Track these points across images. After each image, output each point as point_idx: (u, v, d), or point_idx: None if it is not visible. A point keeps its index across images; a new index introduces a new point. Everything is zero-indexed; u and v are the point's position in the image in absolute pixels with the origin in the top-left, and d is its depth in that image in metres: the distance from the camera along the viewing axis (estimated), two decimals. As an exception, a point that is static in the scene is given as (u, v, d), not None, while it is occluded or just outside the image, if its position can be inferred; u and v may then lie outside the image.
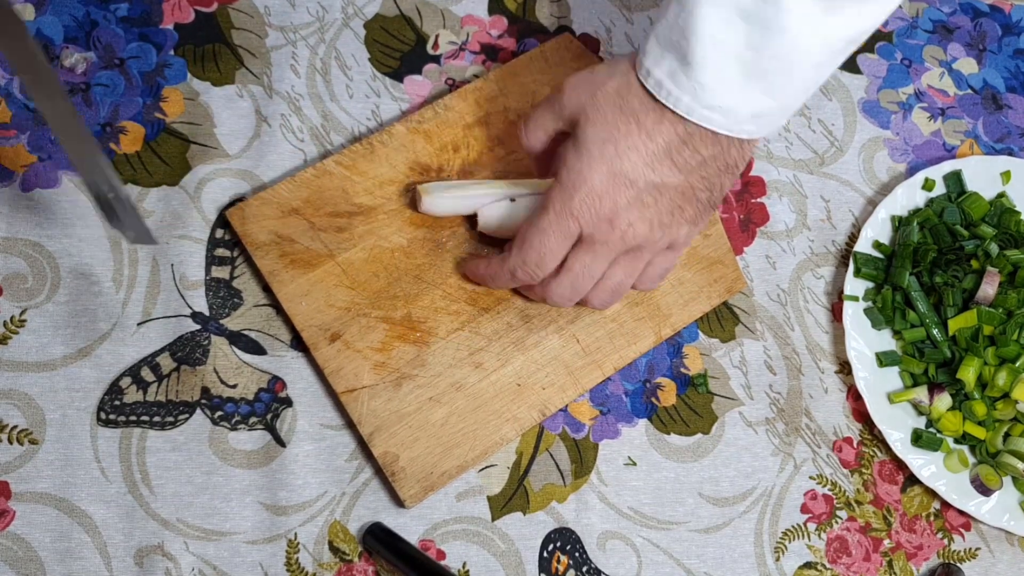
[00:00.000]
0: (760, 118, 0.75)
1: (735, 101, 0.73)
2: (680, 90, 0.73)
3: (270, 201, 0.88)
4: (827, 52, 0.73)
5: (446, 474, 0.83)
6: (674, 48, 0.73)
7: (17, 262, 0.86)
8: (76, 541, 0.81)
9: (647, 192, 0.76)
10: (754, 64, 0.71)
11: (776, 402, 0.91)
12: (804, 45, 0.71)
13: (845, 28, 0.72)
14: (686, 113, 0.73)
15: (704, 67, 0.71)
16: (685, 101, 0.73)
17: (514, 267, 0.81)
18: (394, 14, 0.99)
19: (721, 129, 0.74)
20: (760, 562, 0.87)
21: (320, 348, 0.85)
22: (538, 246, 0.79)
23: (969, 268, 0.91)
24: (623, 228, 0.76)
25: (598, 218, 0.76)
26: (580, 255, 0.79)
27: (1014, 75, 1.04)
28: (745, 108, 0.73)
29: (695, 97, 0.73)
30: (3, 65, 0.91)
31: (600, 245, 0.78)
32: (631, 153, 0.75)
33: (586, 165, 0.76)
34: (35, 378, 0.84)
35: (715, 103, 0.72)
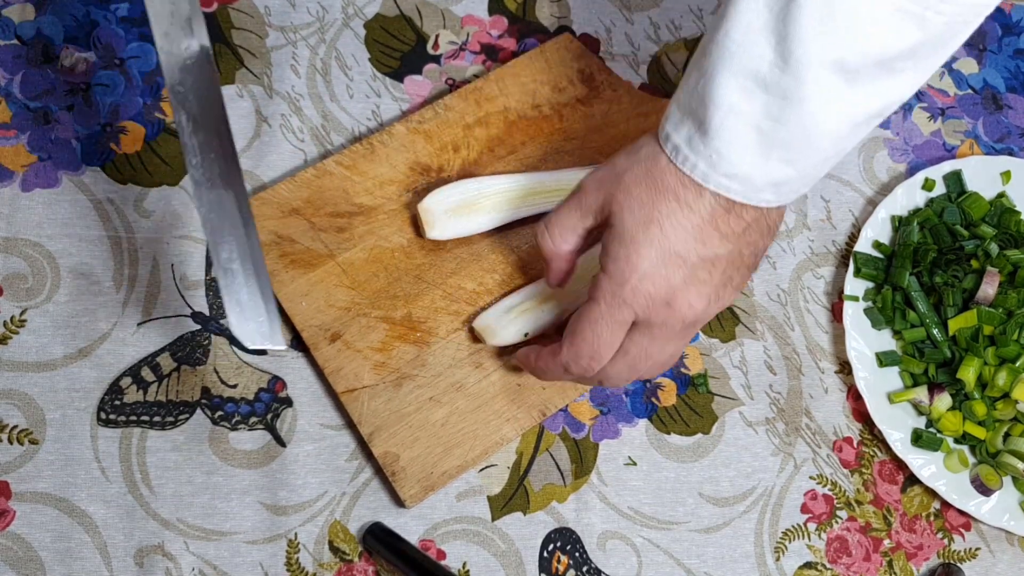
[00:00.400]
0: (780, 187, 0.72)
1: (752, 170, 0.71)
2: (696, 156, 0.71)
3: (270, 201, 0.89)
4: (848, 125, 0.70)
5: (446, 474, 0.83)
6: (692, 115, 0.71)
7: (17, 262, 0.86)
8: (76, 541, 0.81)
9: (700, 268, 0.73)
10: (772, 134, 0.69)
11: (776, 402, 0.91)
12: (824, 117, 0.69)
13: (868, 103, 0.70)
14: (702, 180, 0.71)
15: (720, 135, 0.70)
16: (701, 168, 0.71)
17: (567, 362, 0.78)
18: (394, 14, 0.99)
19: (738, 197, 0.72)
20: (760, 562, 0.87)
21: (320, 348, 0.85)
22: (592, 339, 0.76)
23: (969, 268, 0.91)
24: (683, 309, 0.74)
25: (654, 302, 0.74)
26: (637, 339, 0.76)
27: (1014, 75, 1.04)
28: (763, 177, 0.71)
29: (711, 165, 0.71)
30: (2, 65, 0.91)
31: (659, 328, 0.75)
32: (678, 231, 0.72)
33: (633, 251, 0.73)
34: (35, 378, 0.84)
35: (732, 171, 0.71)
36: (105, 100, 0.91)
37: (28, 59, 0.92)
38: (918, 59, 0.68)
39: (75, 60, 0.92)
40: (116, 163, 0.90)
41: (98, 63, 0.92)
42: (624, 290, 0.73)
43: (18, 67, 0.91)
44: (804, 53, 0.66)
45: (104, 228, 0.88)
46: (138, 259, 0.87)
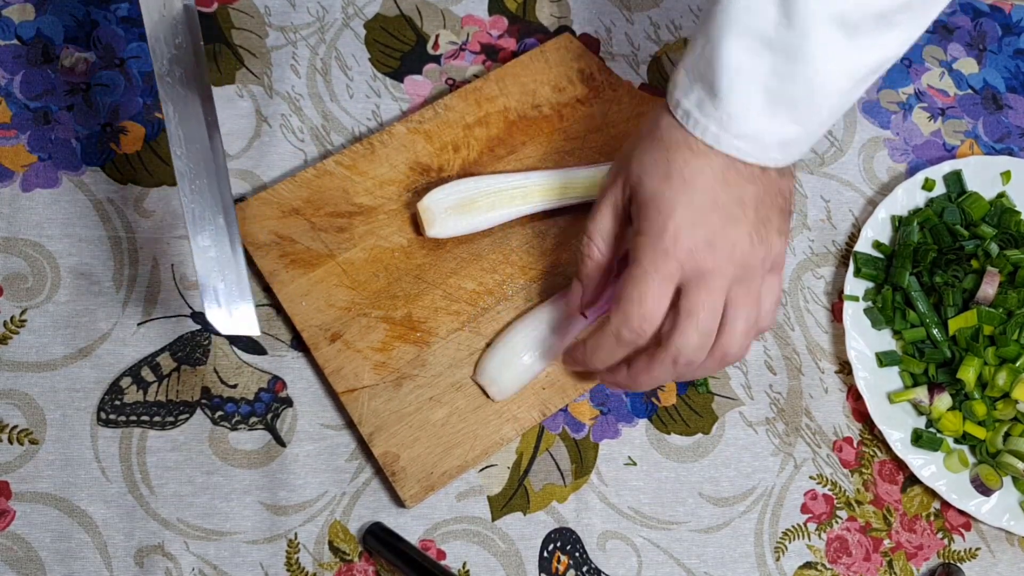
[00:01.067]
0: (787, 146, 0.74)
1: (761, 129, 0.72)
2: (708, 120, 0.72)
3: (270, 201, 0.89)
4: (851, 80, 0.73)
5: (446, 474, 0.83)
6: (701, 79, 0.72)
7: (17, 262, 0.86)
8: (76, 541, 0.81)
9: (732, 205, 0.74)
10: (779, 92, 0.71)
11: (776, 402, 0.91)
12: (828, 73, 0.71)
13: (868, 56, 0.72)
14: (714, 143, 0.73)
15: (730, 97, 0.71)
16: (712, 130, 0.72)
17: (618, 328, 0.75)
18: (394, 14, 0.99)
19: (749, 158, 0.73)
20: (760, 562, 0.87)
21: (320, 348, 0.85)
22: (638, 298, 0.74)
23: (969, 268, 0.91)
24: (728, 249, 0.73)
25: (696, 248, 0.73)
26: (693, 295, 0.74)
27: (1014, 75, 1.04)
28: (771, 136, 0.73)
29: (722, 126, 0.72)
30: (2, 65, 0.91)
31: (709, 276, 0.74)
32: (699, 176, 0.73)
33: (663, 205, 0.73)
34: (35, 378, 0.84)
35: (742, 131, 0.72)
36: (105, 100, 0.91)
37: (28, 59, 0.92)
38: (914, 11, 0.72)
39: (75, 60, 0.92)
40: (116, 163, 0.90)
41: (98, 63, 0.92)
42: (663, 241, 0.73)
43: (18, 67, 0.91)
44: (807, 9, 0.68)
45: (104, 228, 0.88)
46: (138, 259, 0.87)
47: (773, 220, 0.76)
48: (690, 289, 0.74)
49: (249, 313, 0.76)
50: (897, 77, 1.03)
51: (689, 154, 0.73)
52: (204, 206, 0.74)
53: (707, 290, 0.73)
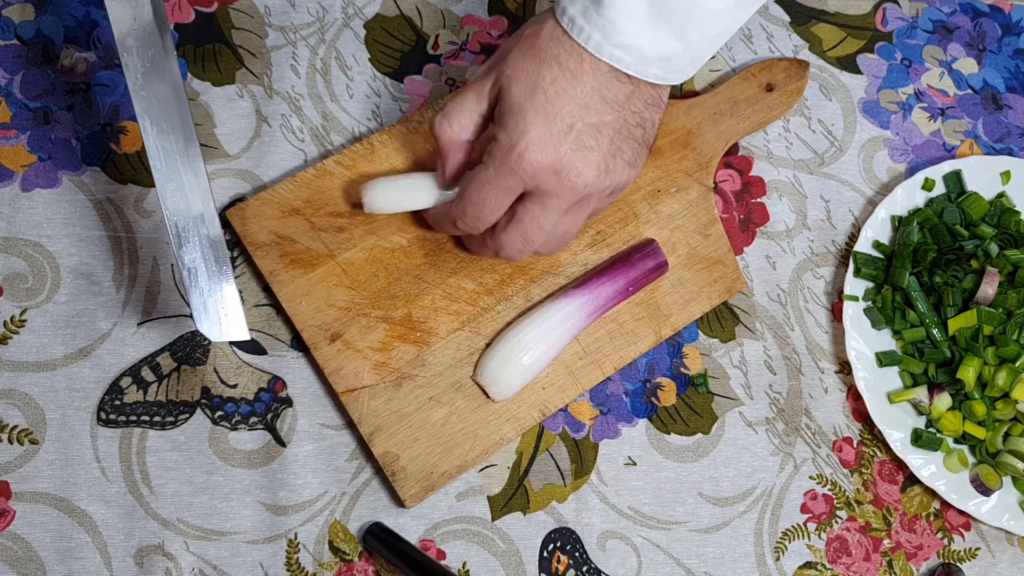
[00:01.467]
0: (667, 61, 0.76)
1: (642, 41, 0.74)
2: (591, 27, 0.74)
3: (270, 201, 0.88)
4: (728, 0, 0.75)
5: (446, 474, 0.83)
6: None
7: (17, 262, 0.86)
8: (76, 541, 0.81)
9: (587, 134, 0.76)
10: (660, 4, 0.73)
11: (776, 402, 0.91)
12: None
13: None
14: (595, 51, 0.74)
15: (613, 4, 0.73)
16: (595, 38, 0.74)
17: (455, 217, 0.81)
18: (394, 14, 0.99)
19: (629, 70, 0.75)
20: (760, 562, 0.87)
21: (320, 348, 0.85)
22: (477, 201, 0.79)
23: (969, 268, 0.91)
24: (572, 178, 0.76)
25: (541, 169, 0.76)
26: (529, 207, 0.79)
27: (1014, 75, 1.04)
28: (652, 49, 0.74)
29: (604, 35, 0.74)
30: (2, 65, 0.91)
31: (549, 197, 0.78)
32: (562, 97, 0.75)
33: (520, 119, 0.76)
34: (35, 378, 0.84)
35: (624, 41, 0.74)
36: (105, 100, 0.91)
37: (28, 59, 0.91)
38: None
39: (75, 60, 0.92)
40: (116, 163, 0.90)
41: (98, 63, 0.92)
42: (511, 156, 0.76)
43: (18, 67, 0.91)
44: None
45: (104, 228, 0.88)
46: (138, 259, 0.87)
47: (625, 150, 0.78)
48: (527, 200, 0.79)
49: (238, 320, 0.77)
50: (897, 77, 1.03)
51: (559, 71, 0.75)
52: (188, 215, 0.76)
53: (541, 207, 0.78)
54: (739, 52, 1.01)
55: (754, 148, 0.98)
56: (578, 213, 0.81)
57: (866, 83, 1.02)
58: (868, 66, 1.03)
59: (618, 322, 0.89)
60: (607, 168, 0.77)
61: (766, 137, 0.99)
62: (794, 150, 0.99)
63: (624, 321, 0.90)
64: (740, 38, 1.02)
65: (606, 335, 0.89)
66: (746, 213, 0.96)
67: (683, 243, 0.93)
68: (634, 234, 0.92)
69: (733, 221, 0.96)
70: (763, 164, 0.98)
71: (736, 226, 0.96)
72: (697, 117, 0.97)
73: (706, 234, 0.93)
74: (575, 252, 0.91)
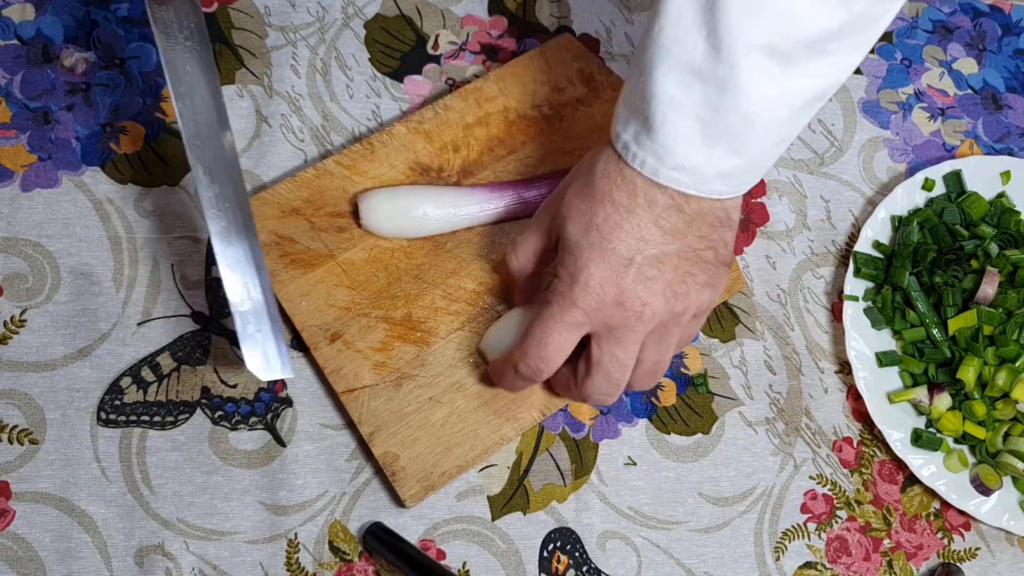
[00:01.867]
0: (729, 177, 0.74)
1: (699, 161, 0.72)
2: (645, 152, 0.72)
3: (270, 201, 0.89)
4: (788, 109, 0.72)
5: (446, 474, 0.83)
6: (637, 112, 0.72)
7: (17, 262, 0.86)
8: (76, 541, 0.81)
9: (648, 266, 0.74)
10: (714, 124, 0.70)
11: (776, 402, 0.91)
12: (763, 103, 0.70)
13: (804, 86, 0.71)
14: (651, 175, 0.73)
15: (664, 128, 0.71)
16: (650, 163, 0.72)
17: (516, 361, 0.79)
18: (394, 14, 0.99)
19: (689, 190, 0.73)
20: (760, 562, 0.87)
21: (320, 348, 0.85)
22: (540, 337, 0.77)
23: (969, 268, 0.91)
24: (637, 308, 0.75)
25: (604, 303, 0.75)
26: (604, 346, 0.77)
27: (1014, 75, 1.04)
28: (710, 168, 0.72)
29: (659, 159, 0.72)
30: (2, 65, 0.91)
31: (620, 331, 0.76)
32: (617, 232, 0.74)
33: (580, 257, 0.75)
34: (35, 378, 0.84)
35: (679, 163, 0.72)
36: (105, 100, 0.91)
37: (28, 59, 0.92)
38: (847, 39, 0.70)
39: (75, 60, 0.92)
40: (116, 163, 0.90)
41: (98, 63, 0.92)
42: (573, 291, 0.75)
43: (18, 67, 0.91)
44: (734, 40, 0.67)
45: (104, 228, 0.88)
46: (138, 259, 0.87)
47: (697, 274, 0.76)
48: (600, 340, 0.77)
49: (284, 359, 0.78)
50: (897, 77, 1.03)
51: (611, 208, 0.74)
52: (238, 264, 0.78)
53: (616, 342, 0.77)
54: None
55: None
56: (660, 343, 0.79)
57: (866, 83, 1.02)
58: (868, 66, 1.03)
59: (618, 322, 0.89)
60: (675, 294, 0.75)
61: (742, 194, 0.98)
62: (794, 150, 0.99)
63: (624, 321, 0.90)
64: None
65: (606, 335, 0.89)
66: (746, 213, 0.96)
67: (683, 243, 0.93)
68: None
69: (733, 221, 0.96)
70: (763, 164, 0.98)
71: (736, 226, 0.96)
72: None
73: (706, 234, 0.93)
74: None
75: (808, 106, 0.73)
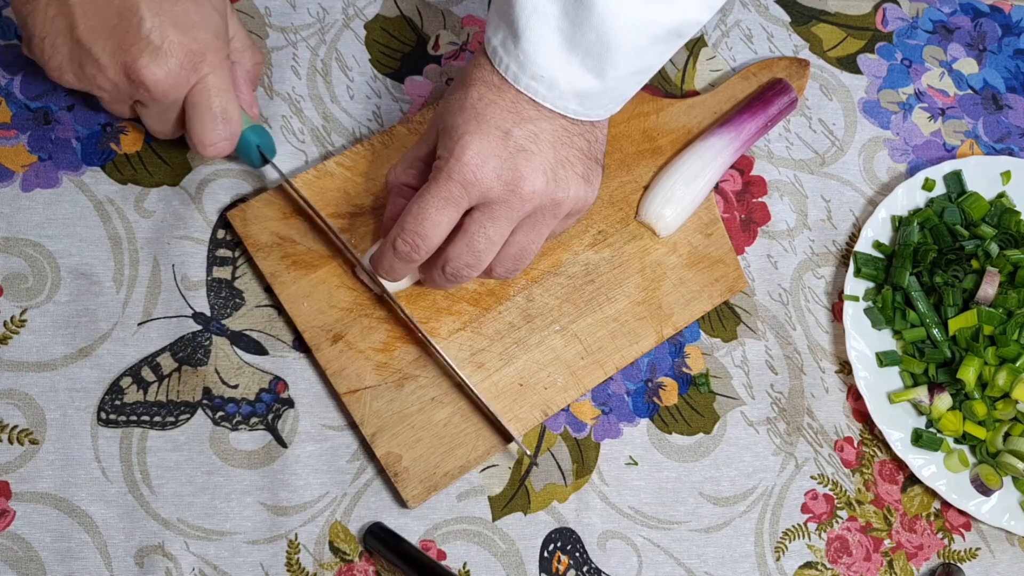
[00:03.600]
0: (585, 98, 0.76)
1: (557, 74, 0.75)
2: (509, 57, 0.75)
3: (272, 202, 0.88)
4: (646, 37, 0.74)
5: (449, 474, 0.83)
6: (504, 18, 0.75)
7: (17, 262, 0.86)
8: (76, 541, 0.81)
9: (526, 139, 0.76)
10: (572, 36, 0.73)
11: (778, 401, 0.91)
12: (620, 25, 0.73)
13: (663, 15, 0.74)
14: (513, 80, 0.75)
15: (527, 35, 0.74)
16: (513, 69, 0.75)
17: (394, 238, 0.79)
18: (395, 15, 0.99)
19: (545, 102, 0.76)
20: (760, 562, 0.87)
21: (322, 349, 0.85)
22: (416, 213, 0.77)
23: (969, 268, 0.91)
24: (517, 183, 0.76)
25: (483, 176, 0.75)
26: (476, 217, 0.78)
27: (1014, 75, 1.04)
28: (567, 83, 0.75)
29: (520, 65, 0.75)
30: (3, 65, 0.91)
31: (496, 207, 0.77)
32: (492, 108, 0.76)
33: (457, 137, 0.76)
34: (35, 378, 0.84)
35: (538, 73, 0.75)
36: (105, 100, 0.91)
37: (28, 59, 0.91)
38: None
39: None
40: (116, 163, 0.90)
41: (98, 63, 0.92)
42: (449, 165, 0.76)
43: (18, 67, 0.91)
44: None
45: (104, 228, 0.88)
46: (138, 259, 0.87)
47: (575, 163, 0.78)
48: (474, 212, 0.77)
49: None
50: (897, 77, 1.03)
51: (484, 88, 0.76)
52: None
53: (489, 217, 0.77)
54: (739, 52, 1.02)
55: (755, 148, 0.98)
56: (532, 230, 0.80)
57: (866, 83, 1.03)
58: (868, 66, 1.03)
59: (619, 321, 0.90)
60: (555, 177, 0.77)
61: (767, 137, 0.99)
62: (795, 150, 0.99)
63: (626, 320, 0.90)
64: (740, 38, 1.02)
65: (608, 335, 0.89)
66: (747, 213, 0.96)
67: (684, 242, 0.93)
68: (635, 233, 0.92)
69: (734, 221, 0.96)
70: (764, 164, 0.98)
71: (737, 225, 0.96)
72: (698, 116, 0.97)
73: (707, 233, 0.94)
74: (576, 252, 0.91)
75: (666, 40, 0.76)
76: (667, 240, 0.93)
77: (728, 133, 0.94)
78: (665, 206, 0.91)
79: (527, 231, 0.80)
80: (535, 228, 0.80)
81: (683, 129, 0.96)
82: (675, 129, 0.96)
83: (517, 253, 0.81)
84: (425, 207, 0.77)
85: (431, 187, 0.77)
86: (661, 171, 0.94)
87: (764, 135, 0.97)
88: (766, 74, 0.99)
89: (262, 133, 0.87)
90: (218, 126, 0.81)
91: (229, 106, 0.81)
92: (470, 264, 0.80)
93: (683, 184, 0.92)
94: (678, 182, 0.92)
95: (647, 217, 0.92)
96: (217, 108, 0.81)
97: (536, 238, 0.81)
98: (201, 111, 0.81)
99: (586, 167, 0.79)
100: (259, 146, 0.86)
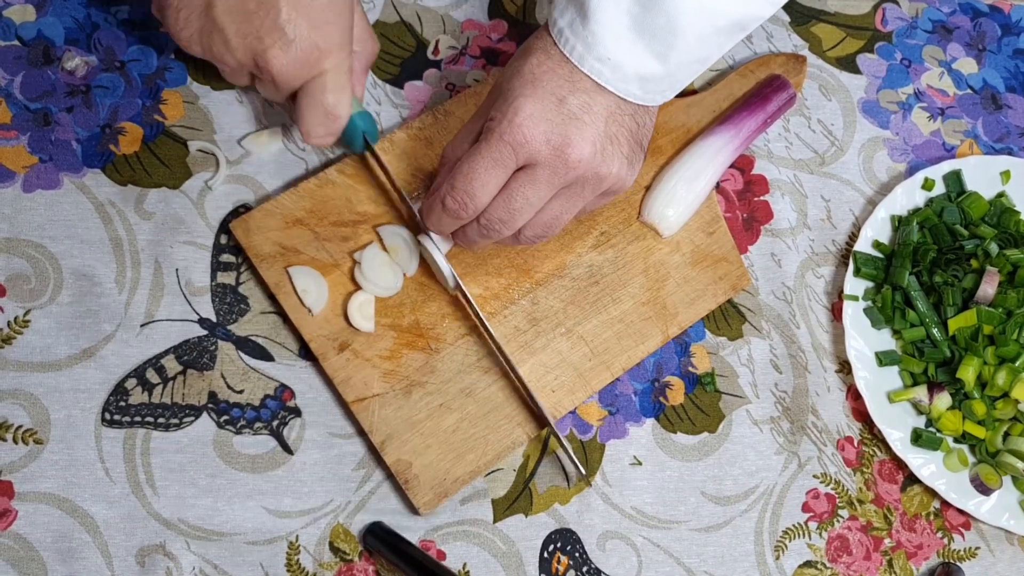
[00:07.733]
0: (647, 82, 0.77)
1: (623, 57, 0.75)
2: (576, 38, 0.76)
3: (273, 212, 0.88)
4: (712, 27, 0.76)
5: (459, 480, 0.84)
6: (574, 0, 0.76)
7: (20, 263, 0.86)
8: (78, 541, 0.81)
9: (578, 108, 0.76)
10: (642, 20, 0.75)
11: (781, 400, 0.92)
12: (690, 11, 0.74)
13: (732, 7, 0.76)
14: (578, 62, 0.76)
15: (596, 17, 0.75)
16: (579, 49, 0.76)
17: (443, 195, 0.79)
18: (394, 20, 0.98)
19: (608, 84, 0.76)
20: (760, 561, 0.88)
21: (329, 358, 0.85)
22: (467, 172, 0.77)
23: (969, 268, 0.92)
24: (566, 150, 0.76)
25: (534, 139, 0.76)
26: (521, 178, 0.77)
27: (1013, 75, 1.05)
28: (632, 66, 0.76)
29: (587, 46, 0.75)
30: (3, 66, 0.91)
31: (540, 170, 0.77)
32: (549, 75, 0.76)
33: (512, 99, 0.76)
34: (40, 378, 0.84)
35: (605, 55, 0.75)
36: (105, 101, 0.91)
37: (29, 60, 0.91)
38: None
39: (76, 64, 0.91)
40: (116, 164, 0.90)
41: (99, 66, 0.92)
42: (502, 126, 0.76)
43: (19, 68, 0.91)
44: None
45: (105, 230, 0.88)
46: (140, 261, 0.87)
47: (622, 142, 0.79)
48: (519, 173, 0.77)
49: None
50: (897, 77, 1.03)
51: (543, 56, 0.77)
52: None
53: (532, 179, 0.77)
54: (738, 51, 1.02)
55: (755, 147, 0.98)
56: (568, 200, 0.80)
57: (866, 83, 1.03)
58: (868, 66, 1.03)
59: (625, 322, 0.90)
60: (602, 150, 0.77)
61: (766, 137, 0.99)
62: (794, 150, 0.99)
63: (631, 321, 0.90)
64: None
65: (614, 336, 0.89)
66: (749, 211, 0.96)
67: (687, 241, 0.93)
68: (638, 234, 0.93)
69: (736, 220, 0.96)
70: (764, 163, 0.98)
71: (739, 225, 0.96)
72: (696, 115, 0.97)
73: (710, 232, 0.94)
74: (580, 254, 0.91)
75: (728, 31, 0.78)
76: (670, 240, 0.93)
77: (728, 131, 0.94)
78: (668, 206, 0.92)
79: (564, 200, 0.80)
80: (572, 199, 0.80)
81: (682, 128, 0.97)
82: (674, 128, 0.96)
83: (549, 220, 0.81)
84: (475, 166, 0.77)
85: (482, 147, 0.77)
86: (662, 171, 0.94)
87: (763, 132, 0.97)
88: (763, 71, 0.99)
89: (368, 120, 0.87)
90: (326, 121, 0.83)
91: (341, 103, 0.83)
92: (503, 220, 0.79)
93: (685, 183, 0.92)
94: (680, 181, 0.92)
95: (650, 217, 0.92)
96: (329, 104, 0.82)
97: (571, 208, 0.81)
98: (314, 103, 0.82)
99: (631, 148, 0.80)
100: (365, 132, 0.87)
